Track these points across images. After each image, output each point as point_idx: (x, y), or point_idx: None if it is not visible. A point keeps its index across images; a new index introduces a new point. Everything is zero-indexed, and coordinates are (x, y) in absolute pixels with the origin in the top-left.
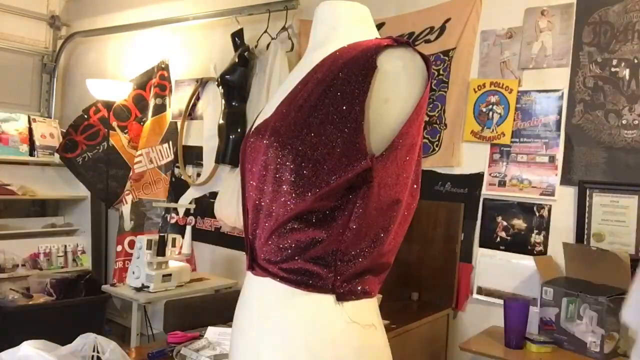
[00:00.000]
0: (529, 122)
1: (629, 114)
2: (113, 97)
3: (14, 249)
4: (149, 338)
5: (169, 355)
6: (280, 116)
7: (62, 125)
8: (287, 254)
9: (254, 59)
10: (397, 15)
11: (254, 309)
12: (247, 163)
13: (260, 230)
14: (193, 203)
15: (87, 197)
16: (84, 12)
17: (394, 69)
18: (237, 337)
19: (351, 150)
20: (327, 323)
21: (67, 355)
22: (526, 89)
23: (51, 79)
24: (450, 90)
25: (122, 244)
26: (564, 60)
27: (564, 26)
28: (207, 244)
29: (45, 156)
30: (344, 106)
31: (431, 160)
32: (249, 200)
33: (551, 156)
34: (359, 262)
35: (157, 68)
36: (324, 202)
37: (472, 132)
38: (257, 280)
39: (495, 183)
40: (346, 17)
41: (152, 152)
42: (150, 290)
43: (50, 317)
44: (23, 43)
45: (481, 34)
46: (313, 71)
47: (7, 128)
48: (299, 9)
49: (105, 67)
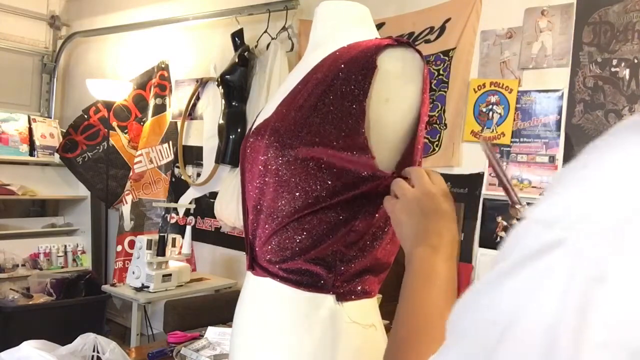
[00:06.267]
0: (529, 122)
1: (629, 114)
2: (113, 97)
3: (14, 249)
4: (149, 338)
5: (169, 355)
6: (281, 116)
7: (62, 125)
8: (288, 254)
9: (254, 59)
10: (397, 15)
11: (254, 309)
12: (247, 163)
13: (260, 231)
14: (193, 203)
15: (87, 197)
16: (84, 12)
17: (394, 68)
18: (237, 337)
19: (352, 150)
20: (327, 323)
21: (67, 355)
22: (526, 89)
23: (51, 79)
24: (450, 90)
25: (122, 244)
26: (564, 60)
27: (564, 26)
28: (207, 244)
29: (45, 156)
30: (344, 106)
31: (431, 160)
32: (249, 200)
33: (551, 156)
34: (359, 262)
35: (157, 68)
36: (326, 203)
37: (472, 132)
38: (257, 281)
39: (495, 183)
40: (346, 17)
41: (152, 152)
42: (150, 290)
43: (50, 317)
44: (23, 43)
45: (481, 34)
46: (313, 71)
47: (7, 128)
48: (299, 9)
49: (105, 67)
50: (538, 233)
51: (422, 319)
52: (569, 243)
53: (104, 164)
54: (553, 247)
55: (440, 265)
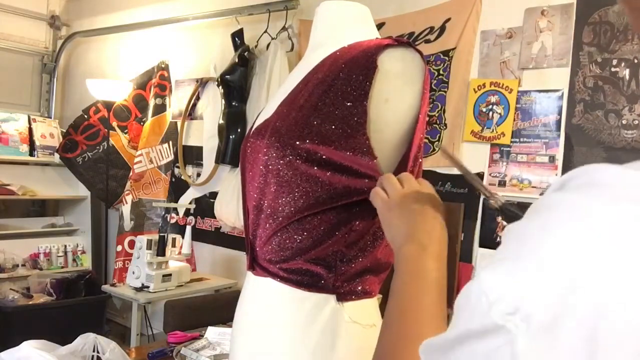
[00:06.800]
0: (529, 122)
1: (629, 114)
2: (113, 97)
3: (14, 249)
4: (149, 338)
5: (169, 355)
6: (281, 116)
7: (62, 125)
8: (288, 254)
9: (254, 59)
10: (397, 15)
11: (254, 309)
12: (248, 163)
13: (260, 231)
14: (193, 203)
15: (87, 197)
16: (84, 12)
17: (395, 69)
18: (237, 337)
19: (354, 150)
20: (327, 323)
21: (67, 355)
22: (526, 89)
23: (51, 79)
24: (450, 90)
25: (122, 244)
26: (564, 60)
27: (564, 26)
28: (207, 244)
29: (45, 156)
30: (345, 106)
31: (431, 160)
32: (249, 200)
33: (551, 156)
34: (359, 262)
35: (157, 68)
36: (326, 205)
37: (472, 132)
38: (257, 281)
39: (495, 183)
40: (346, 17)
41: (152, 152)
42: (150, 290)
43: (50, 317)
44: (23, 43)
45: (481, 34)
46: (313, 71)
47: (7, 128)
48: (299, 9)
49: (105, 67)
50: (482, 312)
51: (411, 319)
52: (508, 332)
53: (104, 164)
54: (494, 332)
55: (429, 263)
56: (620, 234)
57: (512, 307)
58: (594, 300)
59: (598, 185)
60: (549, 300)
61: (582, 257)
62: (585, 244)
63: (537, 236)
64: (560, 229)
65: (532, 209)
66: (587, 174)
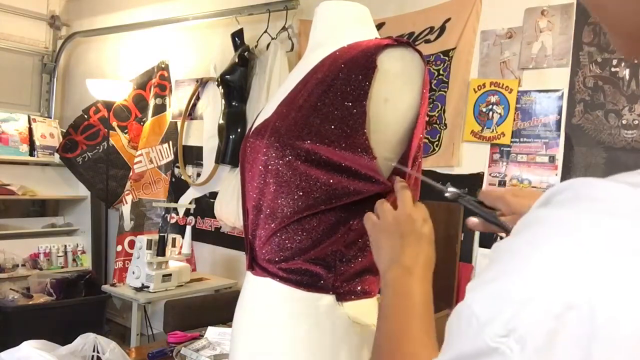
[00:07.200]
0: (529, 122)
1: (629, 114)
2: (113, 97)
3: (14, 249)
4: (149, 338)
5: (169, 355)
6: (281, 116)
7: (62, 125)
8: (288, 254)
9: (254, 59)
10: (397, 15)
11: (254, 309)
12: (247, 163)
13: (260, 231)
14: (193, 203)
15: (87, 197)
16: (84, 12)
17: (394, 68)
18: (237, 337)
19: (354, 150)
20: (327, 323)
21: (67, 355)
22: (526, 89)
23: (51, 79)
24: (450, 90)
25: (122, 244)
26: (564, 60)
27: (564, 26)
28: (207, 244)
29: (45, 156)
30: (344, 106)
31: (431, 160)
32: (249, 200)
33: (551, 156)
34: (359, 262)
35: (157, 68)
36: (326, 206)
37: (472, 132)
38: (257, 280)
39: (495, 183)
40: (346, 17)
41: (152, 152)
42: (150, 290)
43: (50, 317)
44: (23, 43)
45: (481, 34)
46: (313, 71)
47: (7, 128)
48: (299, 9)
49: (105, 67)
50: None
51: (398, 340)
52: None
53: (104, 164)
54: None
55: (415, 286)
56: (610, 249)
57: (504, 329)
58: (588, 318)
59: (585, 200)
60: (542, 320)
61: (573, 274)
62: (575, 260)
63: (525, 253)
64: (548, 244)
65: (519, 226)
66: (572, 189)
